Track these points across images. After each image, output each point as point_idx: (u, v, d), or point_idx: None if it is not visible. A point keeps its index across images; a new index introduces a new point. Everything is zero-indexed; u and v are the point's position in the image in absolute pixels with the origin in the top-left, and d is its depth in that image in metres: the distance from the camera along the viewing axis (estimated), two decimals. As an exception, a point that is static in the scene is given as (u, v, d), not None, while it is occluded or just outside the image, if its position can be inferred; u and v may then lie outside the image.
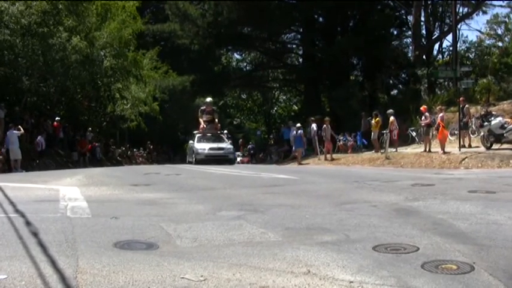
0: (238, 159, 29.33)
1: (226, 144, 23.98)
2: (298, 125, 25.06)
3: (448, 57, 35.52)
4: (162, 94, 34.09)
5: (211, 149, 22.44)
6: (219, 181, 12.28)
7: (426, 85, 30.31)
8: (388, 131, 21.09)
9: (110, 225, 6.31)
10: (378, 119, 23.02)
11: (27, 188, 10.47)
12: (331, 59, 31.76)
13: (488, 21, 35.77)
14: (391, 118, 21.67)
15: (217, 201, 8.51)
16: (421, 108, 21.05)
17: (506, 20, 36.08)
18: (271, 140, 41.73)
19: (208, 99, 25.46)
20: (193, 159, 22.70)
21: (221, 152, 22.56)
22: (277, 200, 8.66)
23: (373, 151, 22.48)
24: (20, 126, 19.93)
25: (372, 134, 23.16)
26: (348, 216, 6.88)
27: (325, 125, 23.07)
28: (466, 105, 20.20)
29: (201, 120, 24.41)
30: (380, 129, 22.74)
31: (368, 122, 24.41)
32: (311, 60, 36.28)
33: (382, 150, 21.10)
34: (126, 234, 5.75)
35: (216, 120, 24.99)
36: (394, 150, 20.93)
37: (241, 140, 45.01)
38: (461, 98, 19.48)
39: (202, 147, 22.50)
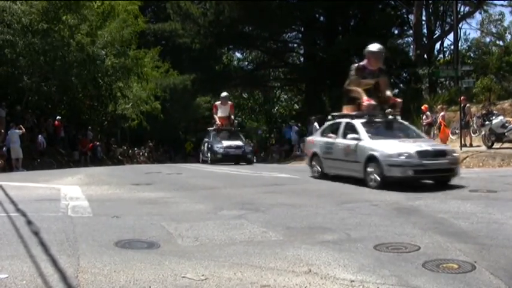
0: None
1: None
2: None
3: (449, 56, 35.48)
4: (163, 93, 34.05)
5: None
6: (220, 180, 12.28)
7: (427, 84, 30.25)
8: None
9: (111, 224, 6.32)
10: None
11: (28, 187, 10.48)
12: (332, 58, 31.68)
13: (482, 20, 35.71)
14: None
15: (218, 200, 8.52)
16: (422, 108, 21.03)
17: (500, 17, 36.00)
18: (272, 139, 41.72)
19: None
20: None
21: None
22: (278, 199, 8.66)
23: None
24: (21, 126, 19.94)
25: None
26: (349, 216, 6.88)
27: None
28: (467, 105, 20.18)
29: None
30: None
31: None
32: (312, 59, 36.22)
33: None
34: (127, 234, 5.76)
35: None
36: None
37: None
38: (462, 97, 19.46)
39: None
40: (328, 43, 34.49)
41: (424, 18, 32.91)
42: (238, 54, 50.11)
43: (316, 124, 24.80)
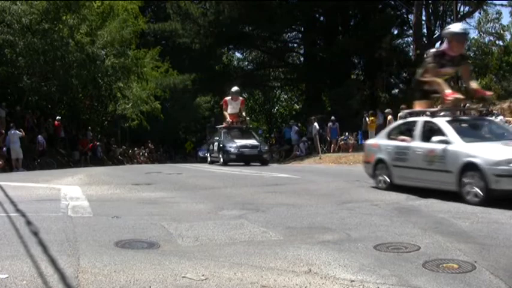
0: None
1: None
2: (333, 118, 26.25)
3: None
4: (163, 93, 34.05)
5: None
6: (220, 180, 12.28)
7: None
8: None
9: (111, 224, 6.32)
10: (372, 118, 23.01)
11: (28, 187, 10.48)
12: (332, 58, 31.75)
13: (479, 20, 35.66)
14: (389, 117, 21.67)
15: (218, 200, 8.52)
16: (422, 108, 20.98)
17: (497, 16, 35.93)
18: (272, 139, 41.71)
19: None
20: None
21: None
22: (278, 199, 8.66)
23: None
24: (21, 129, 19.93)
25: (369, 133, 23.21)
26: (349, 215, 6.89)
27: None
28: (467, 104, 20.18)
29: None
30: (377, 128, 22.77)
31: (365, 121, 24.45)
32: (312, 59, 36.25)
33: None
34: (128, 234, 5.76)
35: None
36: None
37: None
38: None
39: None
40: (328, 43, 34.52)
41: (423, 18, 32.93)
42: (238, 54, 50.20)
43: (316, 124, 24.83)
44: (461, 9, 32.60)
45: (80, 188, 10.18)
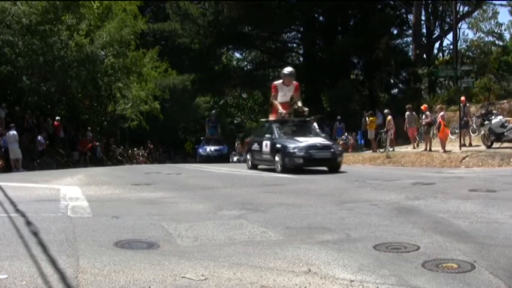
0: (235, 158, 29.28)
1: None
2: (339, 117, 25.83)
3: (449, 56, 35.51)
4: (163, 93, 34.07)
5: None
6: (220, 180, 12.28)
7: (427, 84, 30.34)
8: (385, 130, 21.11)
9: (110, 224, 6.31)
10: (372, 118, 23.04)
11: (28, 187, 10.48)
12: (332, 58, 31.78)
13: (476, 19, 35.68)
14: (389, 117, 21.69)
15: (218, 200, 8.52)
16: (422, 107, 21.06)
17: (493, 14, 35.92)
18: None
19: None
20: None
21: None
22: (278, 199, 8.66)
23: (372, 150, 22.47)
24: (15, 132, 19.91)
25: (368, 133, 23.21)
26: (349, 215, 6.88)
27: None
28: (467, 104, 20.22)
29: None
30: (377, 128, 22.80)
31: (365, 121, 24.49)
32: (311, 59, 36.27)
33: (381, 150, 21.11)
34: (127, 234, 5.76)
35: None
36: (391, 149, 20.93)
37: (238, 141, 44.77)
38: (462, 98, 19.50)
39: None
40: (327, 43, 34.55)
41: (423, 18, 32.97)
42: (237, 54, 50.22)
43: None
44: (461, 9, 32.67)
45: (80, 188, 10.17)
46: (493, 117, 18.03)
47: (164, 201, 8.51)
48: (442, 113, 20.11)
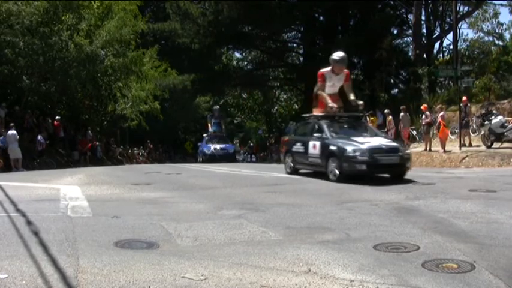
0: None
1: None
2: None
3: (449, 56, 35.51)
4: (163, 93, 34.06)
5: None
6: (220, 180, 12.28)
7: (427, 84, 30.29)
8: (386, 130, 21.10)
9: (110, 224, 6.32)
10: (372, 118, 23.04)
11: (27, 187, 10.47)
12: (332, 58, 31.70)
13: (476, 18, 35.64)
14: (389, 117, 21.68)
15: (218, 200, 8.52)
16: (422, 107, 21.04)
17: (490, 14, 35.90)
18: (271, 139, 41.72)
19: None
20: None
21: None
22: (277, 199, 8.66)
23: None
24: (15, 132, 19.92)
25: None
26: (349, 215, 6.89)
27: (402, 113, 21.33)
28: (468, 104, 20.22)
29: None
30: (377, 128, 22.79)
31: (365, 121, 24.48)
32: (312, 59, 36.19)
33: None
34: (127, 233, 5.76)
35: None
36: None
37: (237, 141, 44.78)
38: (464, 98, 19.50)
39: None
40: (327, 43, 34.48)
41: (423, 17, 32.94)
42: (237, 54, 50.18)
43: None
44: (461, 9, 32.64)
45: (80, 188, 10.18)
46: (493, 117, 18.01)
47: (164, 201, 8.51)
48: (442, 113, 20.11)
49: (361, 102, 13.71)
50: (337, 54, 13.82)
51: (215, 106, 33.73)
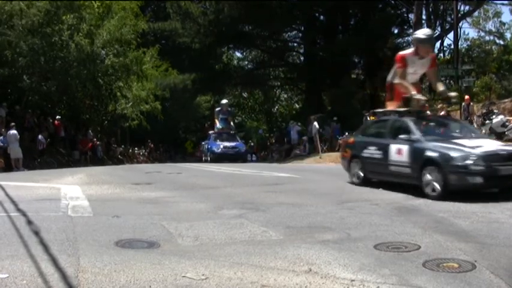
0: None
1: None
2: (335, 118, 23.33)
3: (449, 55, 35.51)
4: (163, 92, 34.06)
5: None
6: (220, 180, 12.27)
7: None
8: None
9: (111, 224, 6.32)
10: (373, 117, 23.01)
11: (28, 186, 10.47)
12: (333, 57, 31.74)
13: (476, 17, 35.70)
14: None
15: (218, 199, 8.51)
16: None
17: (491, 15, 35.94)
18: (271, 138, 41.75)
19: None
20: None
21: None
22: (278, 198, 8.66)
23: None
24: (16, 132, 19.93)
25: None
26: (349, 215, 6.88)
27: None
28: (471, 103, 20.24)
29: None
30: None
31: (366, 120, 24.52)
32: (312, 58, 36.24)
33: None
34: (128, 233, 5.76)
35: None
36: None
37: None
38: (466, 97, 19.50)
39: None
40: (328, 42, 34.52)
41: (424, 17, 32.93)
42: (238, 54, 50.21)
43: (316, 123, 24.83)
44: (462, 8, 32.65)
45: (80, 187, 10.17)
46: (494, 116, 18.02)
47: (165, 200, 8.51)
48: (442, 112, 20.09)
49: (454, 94, 11.30)
50: (423, 32, 10.99)
51: (223, 100, 30.44)
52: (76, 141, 27.25)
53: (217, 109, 27.50)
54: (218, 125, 26.05)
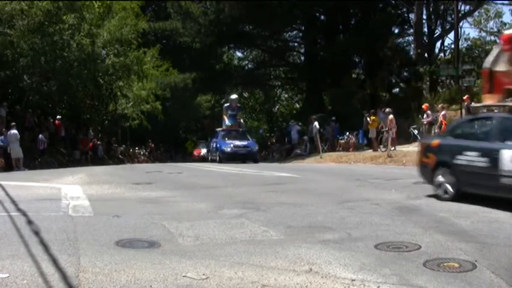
0: None
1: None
2: (333, 118, 22.93)
3: (450, 55, 35.47)
4: (163, 92, 34.05)
5: None
6: (221, 179, 12.27)
7: (428, 83, 30.28)
8: (387, 129, 21.09)
9: (111, 223, 6.32)
10: (373, 117, 23.03)
11: (29, 186, 10.48)
12: (333, 57, 31.72)
13: (477, 17, 35.60)
14: (390, 116, 21.67)
15: (219, 199, 8.52)
16: (423, 107, 21.03)
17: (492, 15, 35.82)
18: (272, 138, 41.74)
19: None
20: None
21: None
22: (279, 198, 8.65)
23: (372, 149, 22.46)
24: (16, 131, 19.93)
25: (370, 132, 23.20)
26: (350, 215, 6.88)
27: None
28: (472, 103, 20.18)
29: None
30: (378, 127, 22.81)
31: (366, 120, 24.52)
32: (313, 58, 36.23)
33: (383, 149, 21.08)
34: (128, 233, 5.76)
35: None
36: (393, 148, 20.91)
37: None
38: (466, 96, 19.46)
39: None
40: (328, 42, 34.50)
41: (424, 17, 32.91)
42: (238, 53, 50.14)
43: (316, 123, 24.83)
44: (462, 8, 32.59)
45: (81, 187, 10.18)
46: (494, 116, 17.97)
47: (165, 200, 8.51)
48: (443, 112, 20.08)
49: None
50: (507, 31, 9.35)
51: (233, 95, 28.23)
52: (77, 141, 27.25)
53: (226, 105, 25.75)
54: (227, 121, 24.43)
